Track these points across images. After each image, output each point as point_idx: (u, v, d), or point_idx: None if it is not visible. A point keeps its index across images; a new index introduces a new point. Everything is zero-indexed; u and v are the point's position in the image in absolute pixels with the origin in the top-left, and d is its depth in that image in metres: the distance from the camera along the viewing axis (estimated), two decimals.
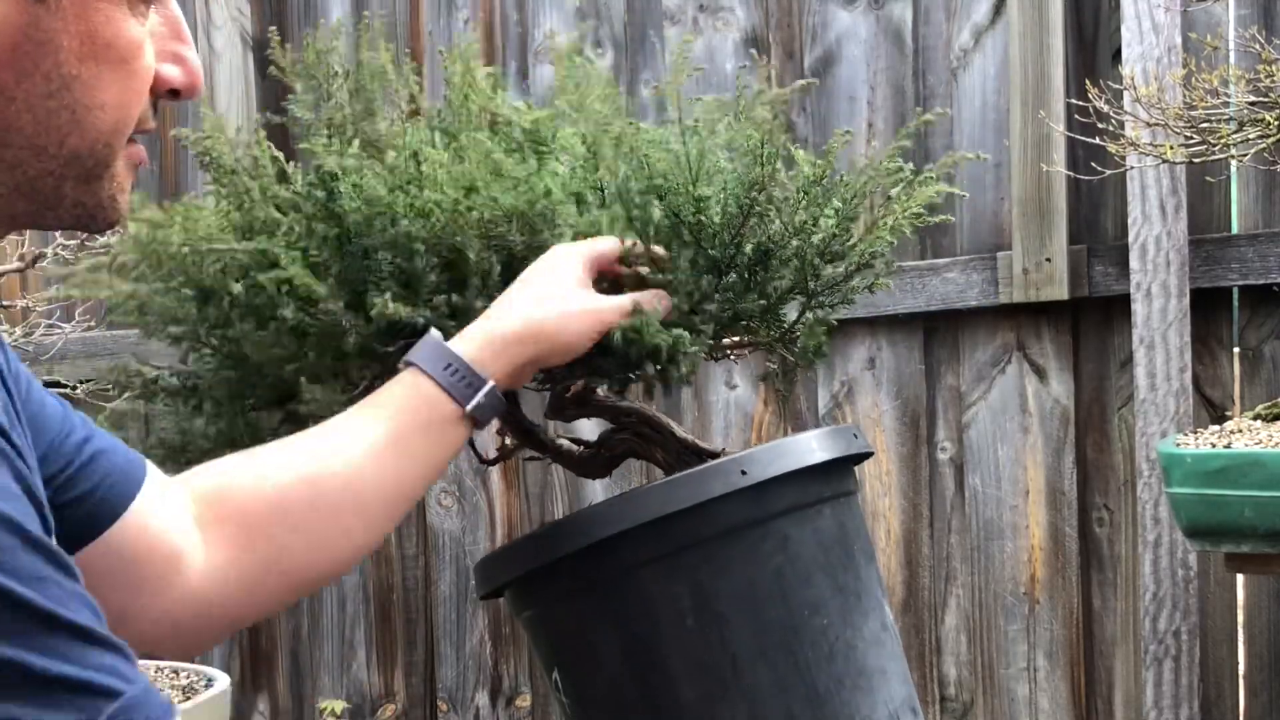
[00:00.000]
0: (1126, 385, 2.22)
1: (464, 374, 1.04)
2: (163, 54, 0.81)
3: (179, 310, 1.16)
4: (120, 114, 0.77)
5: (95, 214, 0.80)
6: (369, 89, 1.18)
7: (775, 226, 1.14)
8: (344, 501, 1.01)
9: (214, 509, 0.99)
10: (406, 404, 1.04)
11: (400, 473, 1.03)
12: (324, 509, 1.00)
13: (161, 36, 0.81)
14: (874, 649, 1.12)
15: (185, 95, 0.83)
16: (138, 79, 0.78)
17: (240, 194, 1.12)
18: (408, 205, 1.08)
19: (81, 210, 0.79)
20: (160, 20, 0.81)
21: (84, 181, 0.78)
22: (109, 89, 0.76)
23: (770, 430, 2.46)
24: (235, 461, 1.03)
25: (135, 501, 0.94)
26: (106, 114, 0.76)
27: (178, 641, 1.02)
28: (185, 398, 1.21)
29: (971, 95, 2.30)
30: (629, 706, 1.10)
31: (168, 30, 0.81)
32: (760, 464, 1.07)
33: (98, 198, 0.79)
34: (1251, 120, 1.56)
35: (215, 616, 0.99)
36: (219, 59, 2.79)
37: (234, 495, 1.00)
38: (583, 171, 1.19)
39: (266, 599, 1.02)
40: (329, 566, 1.03)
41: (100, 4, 0.75)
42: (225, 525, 0.98)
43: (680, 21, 2.50)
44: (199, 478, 1.02)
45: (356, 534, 1.02)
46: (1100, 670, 2.27)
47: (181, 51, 0.82)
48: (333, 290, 1.08)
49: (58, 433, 0.92)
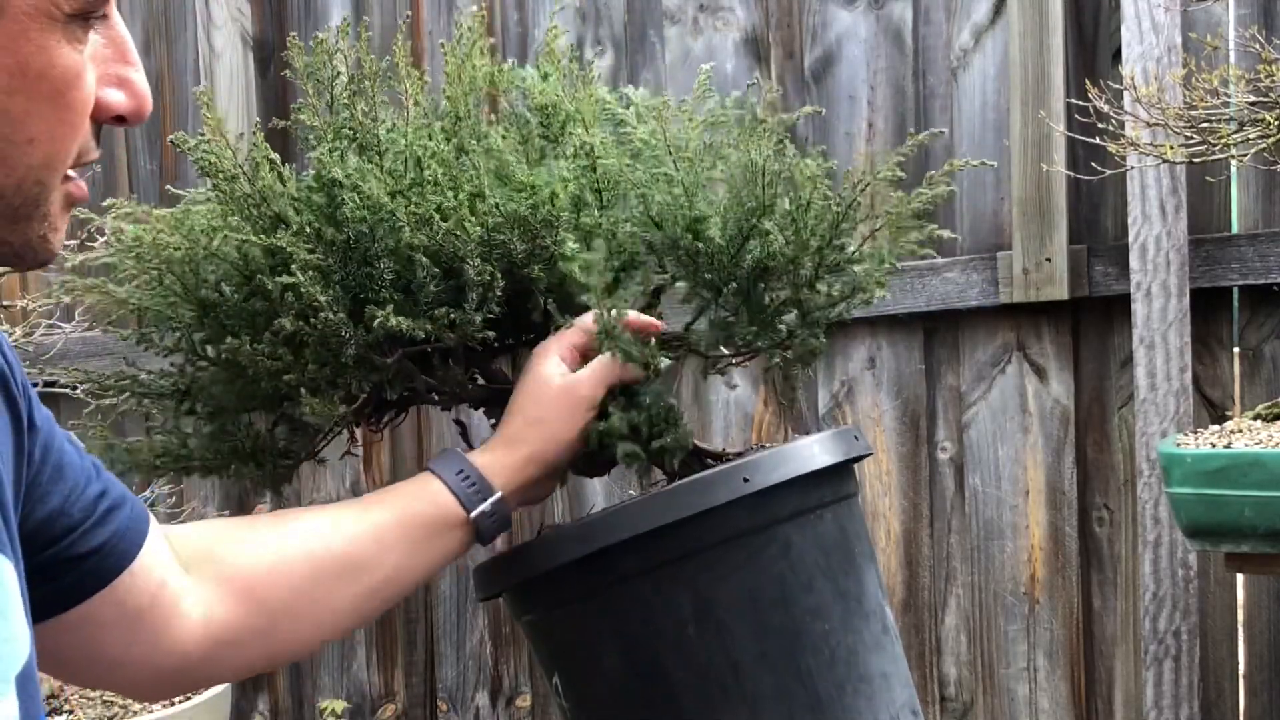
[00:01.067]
0: (1126, 385, 2.22)
1: (475, 481, 1.07)
2: (106, 78, 0.75)
3: (174, 318, 1.15)
4: (52, 148, 0.72)
5: (24, 254, 0.74)
6: (370, 90, 1.17)
7: (776, 245, 1.13)
8: (341, 580, 1.02)
9: (215, 569, 1.00)
10: (415, 499, 1.06)
11: (399, 563, 1.04)
12: (322, 584, 1.01)
13: (104, 59, 0.75)
14: (875, 653, 1.12)
15: (131, 121, 0.77)
16: (73, 111, 0.72)
17: (242, 197, 1.12)
18: (409, 213, 1.07)
19: (9, 249, 0.74)
20: (103, 41, 0.75)
21: (11, 221, 0.72)
22: (40, 123, 0.70)
23: (770, 430, 2.46)
24: (238, 524, 1.04)
25: (140, 553, 0.94)
26: (36, 149, 0.71)
27: (157, 690, 1.04)
28: (179, 401, 1.21)
29: (971, 95, 2.30)
30: (630, 713, 1.10)
31: (111, 52, 0.75)
32: (763, 471, 1.06)
33: (25, 237, 0.74)
34: (1251, 120, 1.56)
35: (193, 670, 1.00)
36: (219, 59, 2.78)
37: (237, 559, 1.00)
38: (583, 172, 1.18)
39: (244, 663, 1.03)
40: (310, 642, 1.05)
41: (33, 35, 0.69)
42: (224, 586, 0.99)
43: (680, 21, 2.49)
44: (196, 531, 1.03)
45: (344, 615, 1.04)
46: (1100, 670, 2.27)
47: (126, 74, 0.76)
48: (335, 298, 1.08)
49: (75, 484, 0.91)
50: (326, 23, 2.73)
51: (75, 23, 0.71)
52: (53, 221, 0.75)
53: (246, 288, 1.12)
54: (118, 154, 2.92)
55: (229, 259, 1.11)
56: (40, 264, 0.76)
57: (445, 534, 1.06)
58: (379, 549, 1.02)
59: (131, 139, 2.92)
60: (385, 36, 2.64)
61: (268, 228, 1.11)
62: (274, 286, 1.08)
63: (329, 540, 1.02)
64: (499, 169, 1.12)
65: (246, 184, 1.12)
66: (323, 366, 1.10)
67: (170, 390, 1.21)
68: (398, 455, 2.75)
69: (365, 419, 1.22)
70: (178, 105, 2.90)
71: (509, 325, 1.18)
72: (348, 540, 1.02)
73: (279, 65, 2.75)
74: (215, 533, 1.03)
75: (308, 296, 1.07)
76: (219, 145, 1.11)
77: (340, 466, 2.73)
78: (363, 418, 1.21)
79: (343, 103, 1.17)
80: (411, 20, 2.68)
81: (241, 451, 1.17)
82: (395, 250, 1.09)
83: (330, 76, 1.18)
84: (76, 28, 0.71)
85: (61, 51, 0.71)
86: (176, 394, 1.21)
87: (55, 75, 0.70)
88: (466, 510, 1.06)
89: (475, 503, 1.06)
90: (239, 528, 1.04)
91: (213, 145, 1.12)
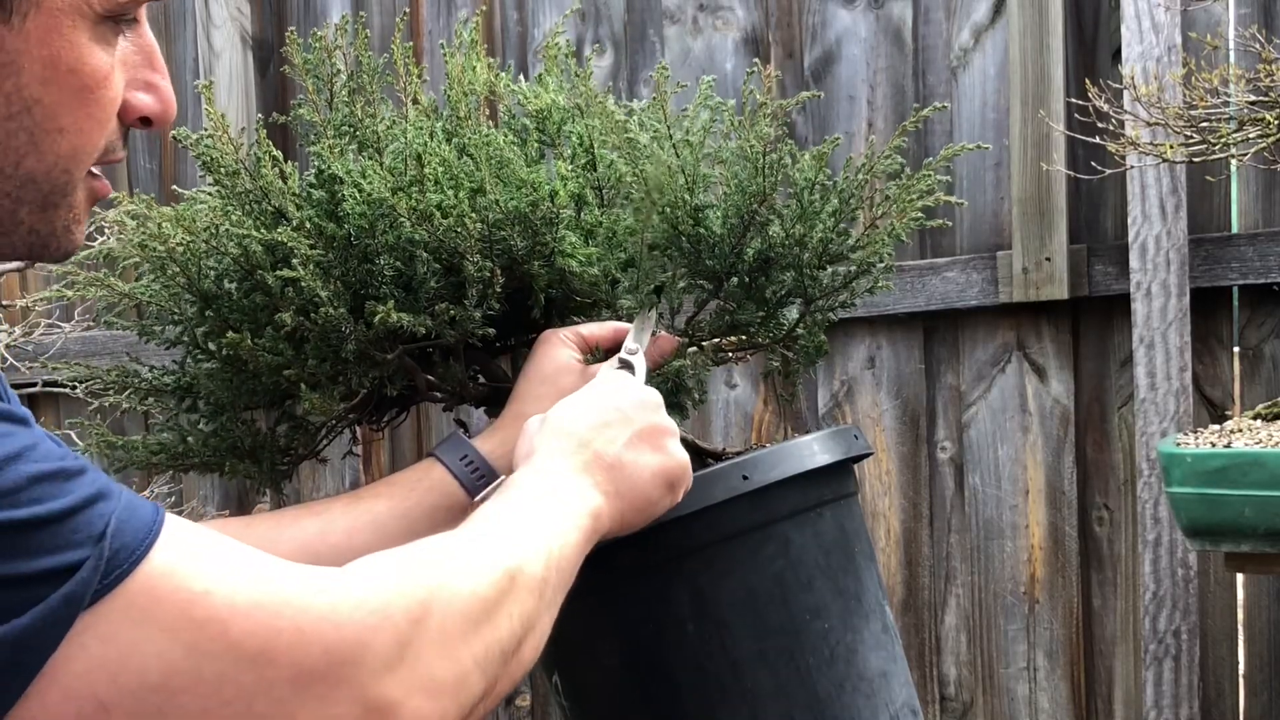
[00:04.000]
0: (1126, 385, 2.22)
1: (479, 466, 1.07)
2: (134, 82, 0.80)
3: (176, 312, 1.15)
4: (79, 140, 0.77)
5: (49, 242, 0.79)
6: (369, 88, 1.17)
7: (776, 232, 1.13)
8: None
9: None
10: (417, 486, 1.06)
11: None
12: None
13: (134, 65, 0.80)
14: (875, 652, 1.12)
15: (158, 124, 0.82)
16: (100, 108, 0.77)
17: (243, 193, 1.12)
18: (410, 208, 1.08)
19: (35, 238, 0.78)
20: (134, 49, 0.80)
21: (40, 208, 0.77)
22: (69, 115, 0.75)
23: (770, 430, 2.46)
24: (235, 522, 1.06)
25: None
26: (65, 139, 0.76)
27: None
28: (180, 398, 1.21)
29: (971, 95, 2.30)
30: (630, 711, 1.10)
31: (140, 58, 0.80)
32: (762, 469, 1.06)
33: (52, 226, 0.78)
34: (1251, 119, 1.56)
35: None
36: (219, 58, 2.78)
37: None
38: (583, 170, 1.18)
39: None
40: None
41: (66, 30, 0.74)
42: None
43: (680, 21, 2.49)
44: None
45: None
46: (1100, 670, 2.27)
47: (154, 80, 0.81)
48: (335, 294, 1.08)
49: None
50: (326, 22, 2.73)
51: (106, 24, 0.76)
52: (77, 213, 0.79)
53: (248, 283, 1.12)
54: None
55: (230, 254, 1.12)
56: (64, 255, 0.81)
57: (449, 521, 1.05)
58: (378, 539, 1.02)
59: (132, 139, 2.91)
60: (384, 36, 2.64)
61: (269, 223, 1.11)
62: (274, 281, 1.08)
63: (325, 532, 1.02)
64: (499, 168, 1.12)
65: (248, 179, 1.12)
66: (323, 362, 1.10)
67: (172, 386, 1.21)
68: (397, 455, 2.75)
69: (366, 417, 1.22)
70: (178, 105, 2.89)
71: (509, 323, 1.18)
72: (346, 532, 1.02)
73: (278, 65, 2.75)
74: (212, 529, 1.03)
75: (308, 291, 1.07)
76: (221, 141, 1.11)
77: (340, 466, 2.73)
78: (363, 415, 1.21)
79: (342, 99, 1.18)
80: (410, 19, 2.68)
81: (240, 449, 1.17)
82: (396, 246, 1.09)
83: (330, 73, 1.18)
84: (107, 30, 0.76)
85: (92, 50, 0.75)
86: (178, 390, 1.21)
87: (85, 71, 0.75)
88: (470, 495, 1.06)
89: (479, 488, 1.05)
90: (236, 525, 1.04)
91: (215, 140, 1.12)
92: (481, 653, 0.79)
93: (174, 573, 0.69)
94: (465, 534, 0.85)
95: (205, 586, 0.69)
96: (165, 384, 1.21)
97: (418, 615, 0.75)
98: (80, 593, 0.66)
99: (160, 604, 0.68)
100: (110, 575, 0.67)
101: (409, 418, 1.29)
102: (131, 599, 0.67)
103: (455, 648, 0.77)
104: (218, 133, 1.11)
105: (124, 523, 0.68)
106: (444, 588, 0.77)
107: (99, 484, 0.69)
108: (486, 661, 0.79)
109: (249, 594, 0.70)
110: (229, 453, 1.17)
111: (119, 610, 0.67)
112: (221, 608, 0.69)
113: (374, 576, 0.76)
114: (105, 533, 0.67)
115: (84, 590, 0.66)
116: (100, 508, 0.68)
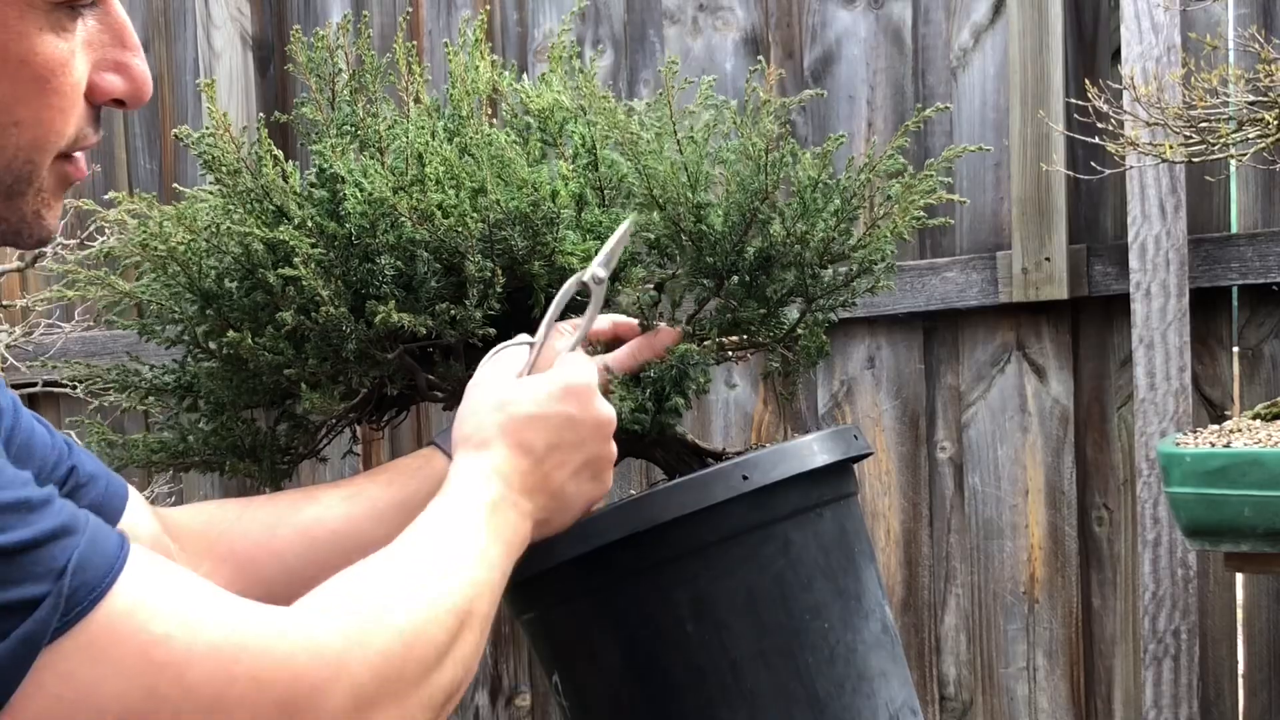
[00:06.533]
0: (1126, 385, 2.22)
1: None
2: (103, 63, 0.78)
3: (177, 311, 1.16)
4: (39, 131, 0.75)
5: (19, 229, 0.78)
6: (371, 88, 1.17)
7: (777, 230, 1.13)
8: (335, 557, 1.01)
9: (208, 544, 1.00)
10: (417, 474, 1.06)
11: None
12: (315, 562, 1.01)
13: (101, 45, 0.78)
14: (874, 652, 1.12)
15: (130, 105, 0.80)
16: (60, 96, 0.75)
17: (244, 191, 1.12)
18: (411, 208, 1.08)
19: (6, 225, 0.77)
20: (101, 28, 0.77)
21: (5, 197, 0.76)
22: (25, 107, 0.73)
23: (770, 430, 2.46)
24: (234, 503, 1.05)
25: (118, 526, 0.94)
26: (23, 130, 0.74)
27: None
28: (181, 397, 1.21)
29: (971, 95, 2.30)
30: (630, 711, 1.10)
31: (109, 37, 0.78)
32: (762, 469, 1.06)
33: (21, 213, 0.77)
34: (1251, 120, 1.56)
35: None
36: (219, 58, 2.78)
37: (231, 535, 1.01)
38: (585, 170, 1.18)
39: None
40: None
41: (13, 22, 0.72)
42: (216, 561, 0.99)
43: (680, 21, 2.49)
44: (191, 509, 1.03)
45: None
46: (1100, 670, 2.27)
47: (125, 59, 0.79)
48: (336, 293, 1.08)
49: (44, 461, 0.92)
50: (326, 22, 2.73)
51: (60, 11, 0.74)
52: (46, 199, 0.78)
53: (248, 281, 1.12)
54: (118, 154, 2.92)
55: (231, 253, 1.12)
56: (38, 242, 0.79)
57: None
58: (376, 526, 1.02)
59: (131, 139, 2.92)
60: (385, 36, 2.64)
61: (270, 222, 1.11)
62: (275, 280, 1.08)
63: (323, 517, 1.02)
64: (501, 168, 1.12)
65: (249, 178, 1.12)
66: (323, 361, 1.10)
67: (172, 386, 1.21)
68: (397, 454, 2.75)
69: (366, 416, 1.22)
70: (178, 105, 2.90)
71: (510, 323, 1.18)
72: (343, 518, 1.02)
73: (279, 65, 2.75)
74: (210, 510, 1.04)
75: (309, 290, 1.07)
76: (222, 139, 1.11)
77: (340, 465, 2.73)
78: (363, 415, 1.21)
79: (344, 98, 1.18)
80: (411, 19, 2.68)
81: (241, 448, 1.18)
82: (396, 245, 1.09)
83: (331, 72, 1.18)
84: (62, 16, 0.74)
85: (44, 39, 0.73)
86: (178, 390, 1.21)
87: (37, 62, 0.73)
88: None
89: None
90: (234, 507, 1.04)
91: (216, 139, 1.12)
92: (427, 698, 0.79)
93: (135, 612, 0.68)
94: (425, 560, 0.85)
95: (165, 630, 0.69)
96: (165, 383, 1.21)
97: (376, 664, 0.75)
98: (39, 632, 0.65)
99: (120, 645, 0.67)
100: (70, 613, 0.66)
101: (409, 417, 1.29)
102: (92, 638, 0.67)
103: (407, 696, 0.78)
104: (219, 132, 1.11)
105: (87, 558, 0.67)
106: (402, 634, 0.78)
107: (63, 516, 0.68)
108: (431, 705, 0.80)
109: (208, 638, 0.70)
110: (229, 451, 1.17)
111: (80, 649, 0.66)
112: (179, 651, 0.68)
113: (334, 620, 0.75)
114: (67, 568, 0.66)
115: (43, 630, 0.65)
116: (64, 542, 0.67)
